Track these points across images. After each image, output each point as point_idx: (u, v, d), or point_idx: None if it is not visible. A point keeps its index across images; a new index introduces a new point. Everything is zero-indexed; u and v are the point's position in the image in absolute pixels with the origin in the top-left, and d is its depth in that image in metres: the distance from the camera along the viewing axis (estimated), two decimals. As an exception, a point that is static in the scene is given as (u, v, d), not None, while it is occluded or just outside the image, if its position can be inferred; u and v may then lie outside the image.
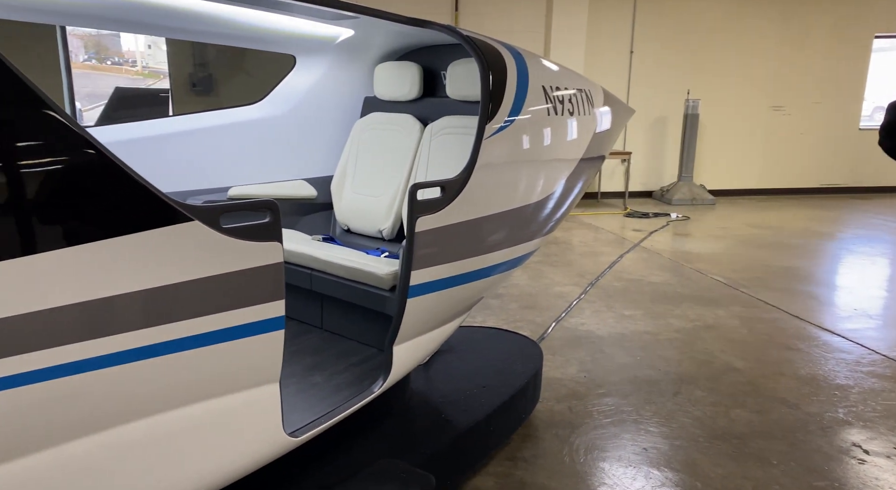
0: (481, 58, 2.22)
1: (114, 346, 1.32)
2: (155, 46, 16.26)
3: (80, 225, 1.24)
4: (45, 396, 1.24)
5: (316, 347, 2.40)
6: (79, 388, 1.28)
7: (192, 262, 1.42)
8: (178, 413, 1.51)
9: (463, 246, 2.20)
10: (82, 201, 1.24)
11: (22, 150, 1.15)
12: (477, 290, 2.37)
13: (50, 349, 1.22)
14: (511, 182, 2.36)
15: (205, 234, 1.43)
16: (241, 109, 2.78)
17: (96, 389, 1.32)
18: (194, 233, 1.41)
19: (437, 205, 2.04)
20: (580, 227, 7.59)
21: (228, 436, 1.62)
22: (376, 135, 2.86)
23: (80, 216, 1.24)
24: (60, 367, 1.25)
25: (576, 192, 3.00)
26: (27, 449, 1.26)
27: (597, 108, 3.10)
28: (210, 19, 2.44)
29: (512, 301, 4.73)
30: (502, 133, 2.26)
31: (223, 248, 1.47)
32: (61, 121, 1.18)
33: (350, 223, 2.87)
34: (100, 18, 2.23)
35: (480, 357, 3.07)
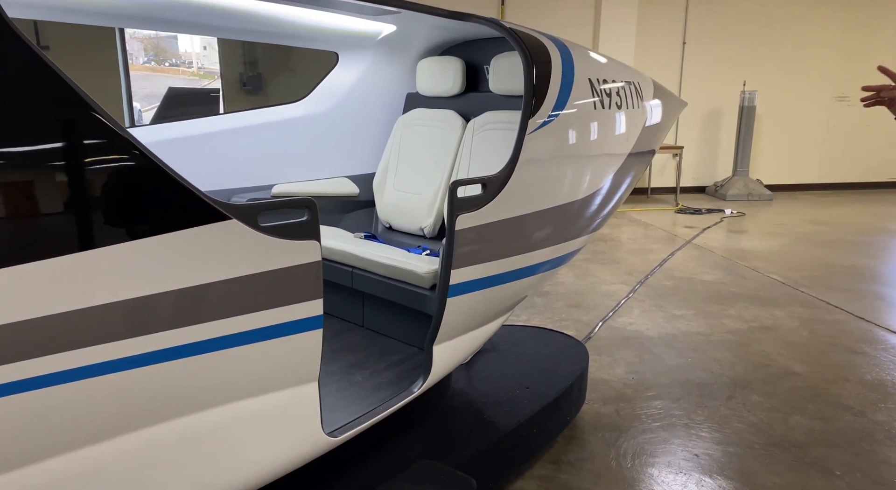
0: (525, 51, 2.16)
1: (153, 345, 1.32)
2: (210, 47, 16.71)
3: (120, 224, 1.24)
4: (87, 394, 1.25)
5: (357, 345, 2.38)
6: (118, 386, 1.29)
7: (230, 260, 1.41)
8: (217, 412, 1.50)
9: (505, 244, 2.14)
10: (122, 200, 1.24)
11: (63, 150, 1.16)
12: (519, 289, 2.31)
13: (90, 347, 1.23)
14: (555, 178, 2.29)
15: (243, 233, 1.42)
16: (284, 107, 2.79)
17: (136, 387, 1.32)
18: (232, 231, 1.40)
19: (477, 202, 1.99)
20: (629, 224, 7.40)
21: (267, 435, 1.62)
22: (418, 131, 2.83)
23: (120, 215, 1.24)
24: (100, 365, 1.25)
25: (624, 188, 2.90)
26: (70, 446, 1.27)
27: (646, 100, 2.99)
28: (253, 17, 2.45)
29: (558, 299, 4.64)
30: (546, 128, 2.19)
31: (261, 247, 1.46)
32: (102, 121, 1.18)
33: (392, 221, 2.85)
34: (143, 18, 2.27)
35: (524, 357, 3.01)
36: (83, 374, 1.23)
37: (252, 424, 1.58)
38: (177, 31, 2.42)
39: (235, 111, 2.70)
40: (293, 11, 2.46)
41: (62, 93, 1.14)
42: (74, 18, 2.16)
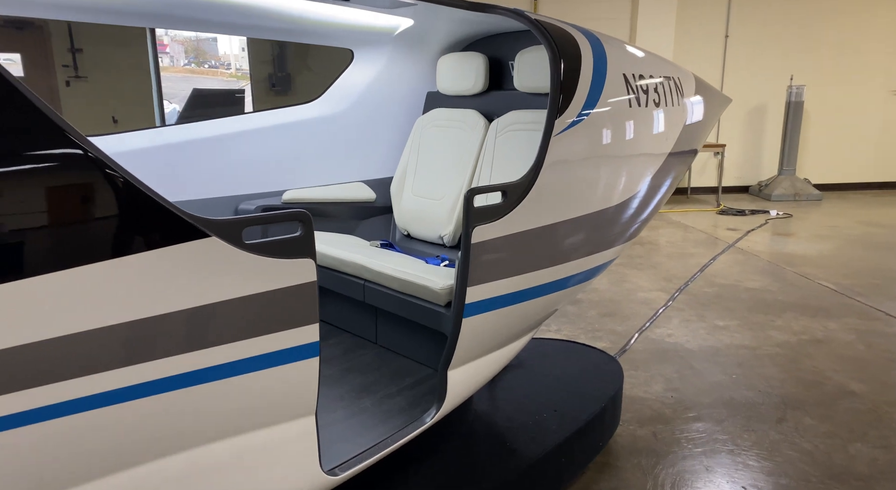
0: (551, 44, 1.95)
1: (117, 382, 1.16)
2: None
3: (75, 245, 1.08)
4: (39, 439, 1.10)
5: (368, 365, 2.21)
6: (76, 429, 1.13)
7: (209, 284, 1.25)
8: (199, 452, 1.34)
9: (528, 257, 1.94)
10: (77, 216, 1.09)
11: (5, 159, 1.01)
12: (546, 305, 2.11)
13: (38, 388, 1.07)
14: (586, 184, 2.07)
15: (224, 252, 1.25)
16: (296, 108, 2.63)
17: (97, 429, 1.17)
18: (212, 250, 1.24)
19: (497, 212, 1.79)
20: (668, 226, 7.09)
21: (259, 476, 1.45)
22: (438, 132, 2.64)
23: (75, 234, 1.09)
24: (52, 407, 1.10)
25: (663, 192, 2.67)
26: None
27: (687, 97, 2.75)
28: (263, 14, 2.31)
29: (591, 307, 4.40)
30: (575, 128, 1.98)
31: (246, 267, 1.29)
32: (46, 123, 1.03)
33: (410, 228, 2.67)
34: (159, 16, 2.14)
35: (552, 375, 2.80)
36: (31, 418, 1.08)
37: (241, 465, 1.41)
38: (188, 29, 2.29)
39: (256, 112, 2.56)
40: (303, 6, 2.30)
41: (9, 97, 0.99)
42: (90, 17, 2.05)
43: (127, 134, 2.24)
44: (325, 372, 2.15)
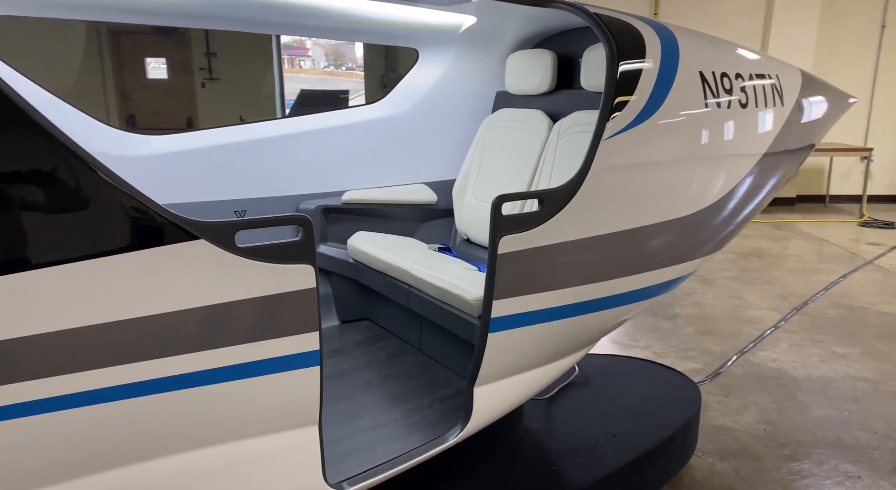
0: (609, 39, 1.79)
1: (104, 381, 1.18)
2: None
3: (59, 242, 1.12)
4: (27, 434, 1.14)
5: (408, 373, 2.15)
6: (66, 426, 1.17)
7: (197, 286, 1.24)
8: (193, 456, 1.35)
9: (569, 272, 1.79)
10: (60, 214, 1.12)
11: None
12: (592, 324, 1.94)
13: (20, 383, 1.11)
14: (642, 193, 1.88)
15: (213, 255, 1.25)
16: (360, 109, 2.63)
17: (87, 427, 1.20)
18: (200, 253, 1.23)
19: (531, 221, 1.66)
20: (797, 237, 6.42)
21: (257, 484, 1.44)
22: (502, 133, 2.53)
23: (58, 231, 1.12)
24: (38, 402, 1.14)
25: (756, 199, 2.38)
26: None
27: (789, 95, 2.43)
28: (329, 14, 2.32)
29: (688, 323, 4.06)
30: (631, 132, 1.80)
31: (237, 271, 1.28)
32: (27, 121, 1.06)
33: (469, 233, 2.58)
34: (220, 18, 2.22)
35: (620, 396, 2.59)
36: (17, 411, 1.13)
37: (239, 471, 1.41)
38: (251, 30, 2.35)
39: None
40: (367, 6, 2.29)
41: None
42: (137, 18, 2.16)
43: (196, 132, 2.34)
44: (364, 377, 2.13)
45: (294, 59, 22.04)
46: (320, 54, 22.65)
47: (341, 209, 2.51)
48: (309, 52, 22.99)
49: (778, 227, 6.87)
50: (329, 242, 2.53)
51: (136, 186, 2.15)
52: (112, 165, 2.15)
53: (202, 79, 8.01)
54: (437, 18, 2.44)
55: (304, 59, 22.81)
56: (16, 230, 1.08)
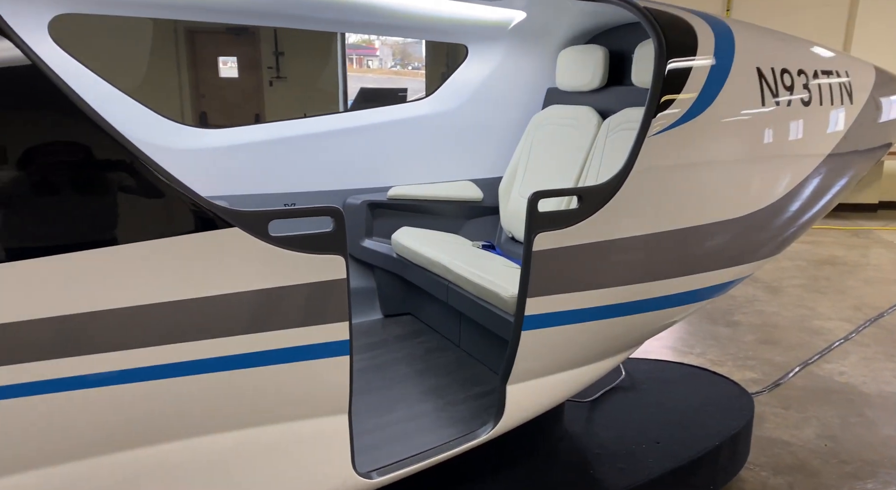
0: (658, 33, 1.73)
1: (140, 360, 1.24)
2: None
3: (101, 226, 1.18)
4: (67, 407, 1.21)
5: (445, 368, 2.15)
6: (104, 401, 1.23)
7: (230, 273, 1.29)
8: (224, 437, 1.40)
9: (609, 271, 1.74)
10: (102, 200, 1.18)
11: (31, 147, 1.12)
12: (633, 326, 1.88)
13: (66, 358, 1.18)
14: (690, 192, 1.82)
15: (247, 243, 1.28)
16: (408, 105, 2.65)
17: (125, 403, 1.26)
18: (234, 241, 1.27)
19: (568, 218, 1.63)
20: (876, 245, 6.04)
21: (288, 467, 1.47)
22: (551, 131, 2.49)
23: (100, 216, 1.18)
24: (76, 378, 1.20)
25: (818, 200, 2.26)
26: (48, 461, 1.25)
27: (860, 92, 2.30)
28: (381, 11, 2.35)
29: (749, 331, 3.89)
30: (678, 129, 1.74)
31: (271, 260, 1.31)
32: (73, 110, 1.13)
33: (514, 231, 2.55)
34: (265, 14, 2.28)
35: (668, 403, 2.51)
36: (55, 386, 1.19)
37: (269, 454, 1.45)
38: (307, 27, 2.40)
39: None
40: (419, 3, 2.30)
41: (44, 89, 1.11)
42: (207, 16, 2.24)
43: (248, 127, 2.41)
44: (401, 370, 2.14)
45: (362, 59, 22.46)
46: (388, 54, 23.03)
47: (387, 204, 2.54)
48: (377, 51, 23.41)
49: (856, 234, 6.48)
50: (374, 237, 2.56)
51: (189, 178, 2.24)
52: (168, 157, 2.26)
53: (270, 77, 8.26)
54: (486, 14, 2.42)
55: (372, 59, 23.24)
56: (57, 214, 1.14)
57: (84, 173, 1.17)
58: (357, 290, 2.57)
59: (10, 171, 1.10)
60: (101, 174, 1.18)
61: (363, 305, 2.58)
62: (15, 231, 1.13)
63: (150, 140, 2.19)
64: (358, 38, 18.95)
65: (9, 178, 1.10)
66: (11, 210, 1.11)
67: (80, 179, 1.17)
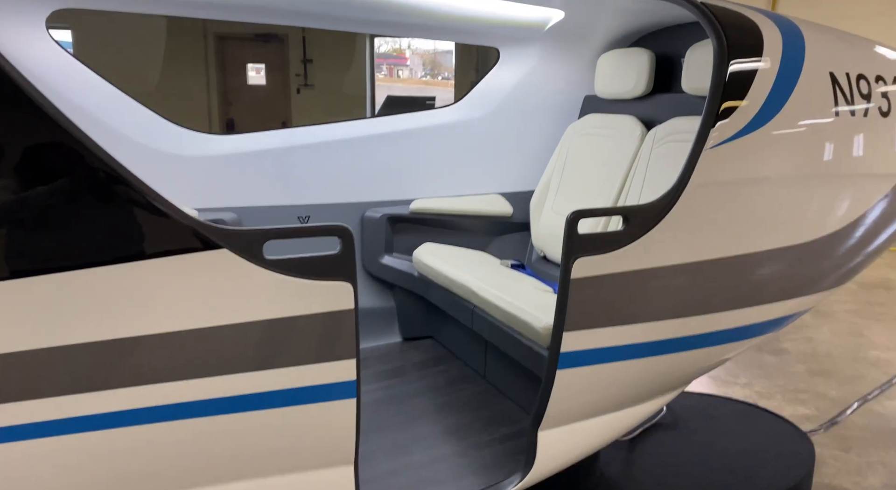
0: (717, 32, 1.52)
1: (91, 407, 1.06)
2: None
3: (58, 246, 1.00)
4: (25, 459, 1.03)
5: (468, 403, 1.94)
6: (68, 452, 1.05)
7: (215, 302, 1.10)
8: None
9: (656, 303, 1.52)
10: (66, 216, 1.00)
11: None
12: (682, 365, 1.65)
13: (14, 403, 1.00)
14: (752, 214, 1.59)
15: (237, 267, 1.10)
16: (435, 112, 2.46)
17: (94, 454, 1.08)
18: (222, 264, 1.09)
19: (613, 242, 1.42)
20: (934, 268, 5.65)
21: None
22: (589, 141, 2.27)
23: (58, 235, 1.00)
24: (30, 426, 1.02)
25: (891, 231, 2.00)
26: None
27: None
28: (409, 11, 2.18)
29: (798, 361, 3.59)
30: (740, 142, 1.52)
31: (265, 287, 1.12)
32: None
33: (546, 249, 2.34)
34: (289, 13, 2.13)
35: (714, 444, 2.26)
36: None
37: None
38: (321, 26, 2.24)
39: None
40: (448, 3, 2.12)
41: None
42: (232, 15, 2.10)
43: (262, 133, 2.25)
44: (420, 403, 1.94)
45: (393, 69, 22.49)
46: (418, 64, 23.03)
47: (408, 218, 2.35)
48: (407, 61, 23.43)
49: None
50: (394, 254, 2.37)
51: (196, 187, 2.02)
52: (174, 165, 2.10)
53: (297, 85, 8.18)
54: (521, 14, 2.23)
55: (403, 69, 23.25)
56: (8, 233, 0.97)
57: (37, 182, 0.99)
58: (375, 311, 2.38)
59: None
60: (55, 182, 1.00)
61: (381, 328, 2.39)
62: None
63: (155, 146, 2.03)
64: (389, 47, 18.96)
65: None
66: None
67: (32, 189, 0.99)
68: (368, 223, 2.31)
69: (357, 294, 1.20)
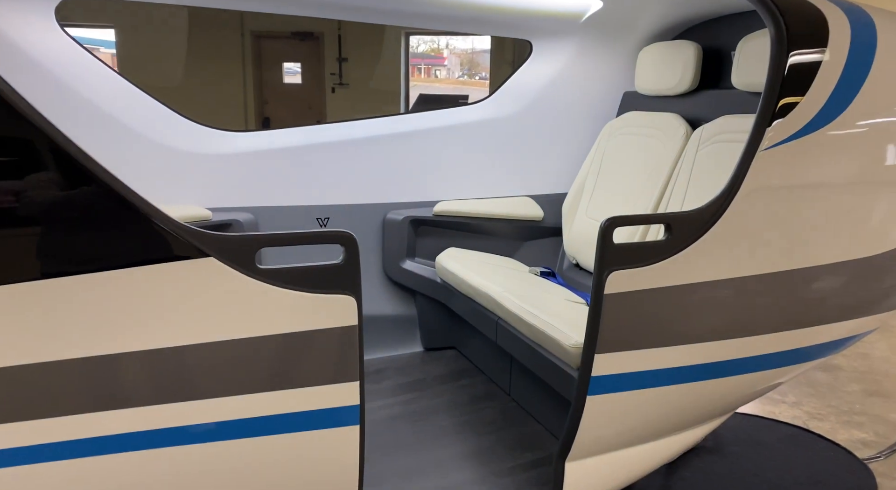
0: (776, 19, 1.34)
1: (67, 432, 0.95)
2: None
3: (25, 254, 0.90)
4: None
5: (492, 423, 1.80)
6: None
7: (202, 317, 0.99)
8: None
9: (701, 322, 1.36)
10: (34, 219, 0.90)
11: None
12: (729, 390, 1.48)
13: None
14: (812, 224, 1.41)
15: (226, 278, 0.98)
16: (462, 109, 2.32)
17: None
18: (209, 274, 0.98)
19: (653, 253, 1.26)
20: None
21: None
22: (627, 141, 2.11)
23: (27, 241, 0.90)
24: None
25: None
26: None
27: None
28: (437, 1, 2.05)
29: (852, 379, 3.34)
30: (800, 142, 1.35)
31: (257, 300, 1.01)
32: None
33: (579, 257, 2.18)
34: (321, 4, 2.03)
35: (761, 473, 2.07)
36: None
37: None
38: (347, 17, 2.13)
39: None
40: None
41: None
42: (263, 6, 2.02)
43: (282, 131, 2.15)
44: (440, 422, 1.80)
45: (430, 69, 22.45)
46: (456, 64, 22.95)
47: (432, 221, 2.22)
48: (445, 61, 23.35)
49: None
50: (417, 258, 2.24)
51: (212, 186, 1.89)
52: (190, 162, 2.01)
53: (332, 84, 8.14)
54: (556, 4, 2.08)
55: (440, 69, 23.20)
56: None
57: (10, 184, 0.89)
58: (395, 319, 2.26)
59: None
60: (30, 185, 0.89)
61: (401, 337, 2.26)
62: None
63: (168, 142, 1.95)
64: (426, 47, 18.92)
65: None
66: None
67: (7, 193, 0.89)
68: (390, 226, 2.18)
69: (361, 309, 1.07)
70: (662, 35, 2.20)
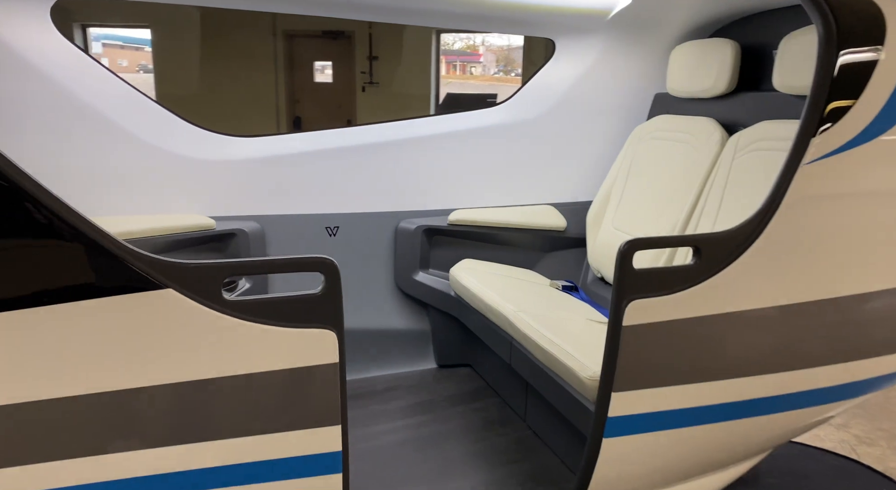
0: (824, 14, 1.19)
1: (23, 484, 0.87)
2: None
3: None
4: None
5: (505, 452, 1.67)
6: None
7: (160, 356, 0.89)
8: None
9: (737, 357, 1.21)
10: None
11: None
12: (767, 429, 1.33)
13: None
14: (865, 244, 1.25)
15: (189, 312, 0.88)
16: (479, 113, 2.20)
17: None
18: (167, 308, 0.88)
19: (680, 279, 1.13)
20: None
21: None
22: (658, 146, 1.96)
23: None
24: None
25: None
26: None
27: None
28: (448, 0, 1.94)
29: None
30: (851, 153, 1.20)
31: (223, 336, 0.91)
32: None
33: (604, 270, 2.03)
34: (347, 5, 1.94)
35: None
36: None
37: None
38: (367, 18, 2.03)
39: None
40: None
41: None
42: (291, 7, 1.95)
43: (291, 136, 2.06)
44: (449, 450, 1.69)
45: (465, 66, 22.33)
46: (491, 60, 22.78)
47: (447, 231, 2.10)
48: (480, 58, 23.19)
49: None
50: (430, 270, 2.13)
51: (215, 194, 1.79)
52: (192, 169, 1.93)
53: (363, 83, 8.08)
54: (581, 0, 1.94)
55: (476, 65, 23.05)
56: None
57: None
58: (407, 334, 2.15)
59: None
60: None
61: (414, 352, 2.16)
62: None
63: (170, 148, 1.87)
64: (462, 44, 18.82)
65: None
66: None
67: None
68: (402, 235, 2.08)
69: (343, 345, 0.96)
70: (697, 32, 2.04)
